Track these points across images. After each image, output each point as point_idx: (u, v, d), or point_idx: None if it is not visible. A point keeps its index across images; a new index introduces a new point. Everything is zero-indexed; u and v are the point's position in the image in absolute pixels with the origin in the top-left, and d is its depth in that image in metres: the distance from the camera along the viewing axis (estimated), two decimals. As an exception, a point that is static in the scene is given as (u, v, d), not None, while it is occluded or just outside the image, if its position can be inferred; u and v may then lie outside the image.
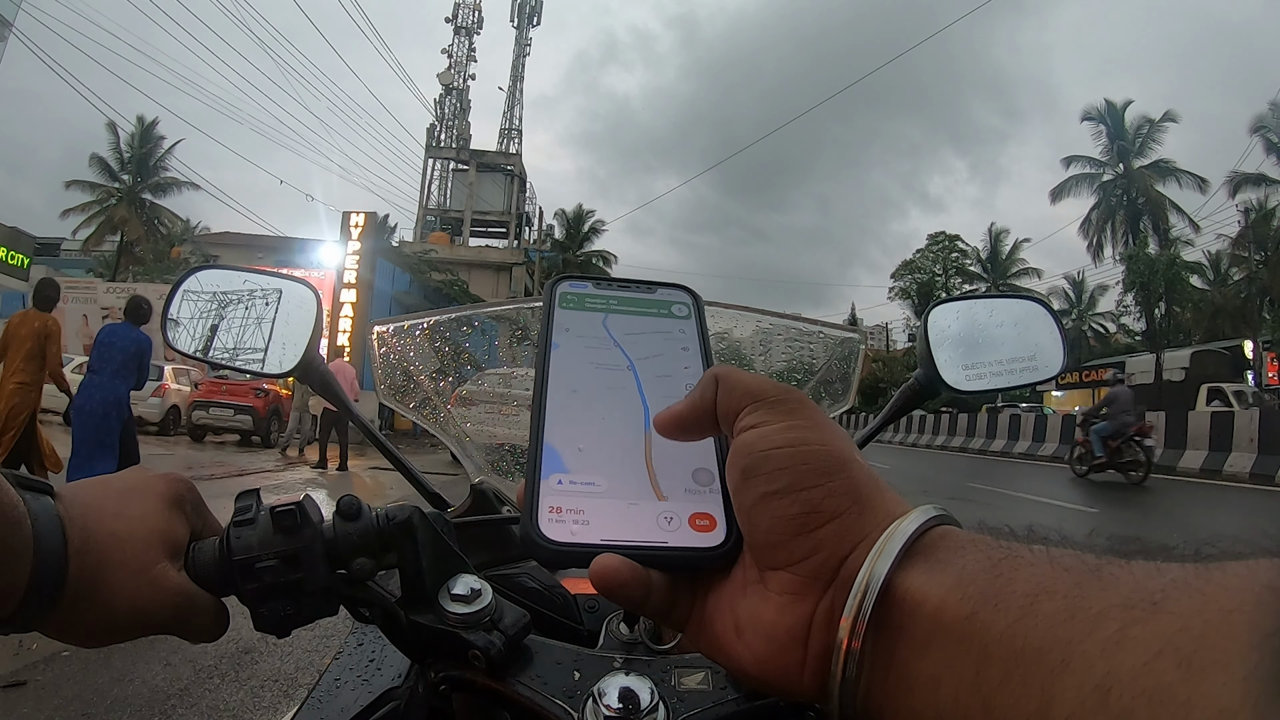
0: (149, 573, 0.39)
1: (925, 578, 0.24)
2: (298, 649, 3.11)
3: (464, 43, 38.13)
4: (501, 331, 0.93)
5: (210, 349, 0.66)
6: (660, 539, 0.28)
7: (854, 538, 0.26)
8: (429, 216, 33.68)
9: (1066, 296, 37.66)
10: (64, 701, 2.57)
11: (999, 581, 0.23)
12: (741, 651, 0.28)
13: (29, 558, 0.35)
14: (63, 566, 0.36)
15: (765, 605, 0.27)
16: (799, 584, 0.27)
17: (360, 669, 0.69)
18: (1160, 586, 0.20)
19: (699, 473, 0.30)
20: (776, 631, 0.27)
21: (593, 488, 0.29)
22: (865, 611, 0.24)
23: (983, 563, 0.24)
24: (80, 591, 0.37)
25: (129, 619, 0.39)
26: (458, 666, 0.44)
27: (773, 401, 0.30)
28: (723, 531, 0.29)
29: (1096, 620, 0.20)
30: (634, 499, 0.29)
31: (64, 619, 0.37)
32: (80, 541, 0.37)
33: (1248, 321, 26.01)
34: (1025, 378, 0.72)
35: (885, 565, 0.25)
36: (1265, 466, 10.97)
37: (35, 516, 0.36)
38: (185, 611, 0.41)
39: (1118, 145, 30.74)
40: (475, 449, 0.84)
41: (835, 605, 0.26)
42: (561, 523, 0.27)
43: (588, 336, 0.33)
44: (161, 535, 0.41)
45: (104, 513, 0.40)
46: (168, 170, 30.99)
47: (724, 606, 0.29)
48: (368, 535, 0.44)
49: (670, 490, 0.30)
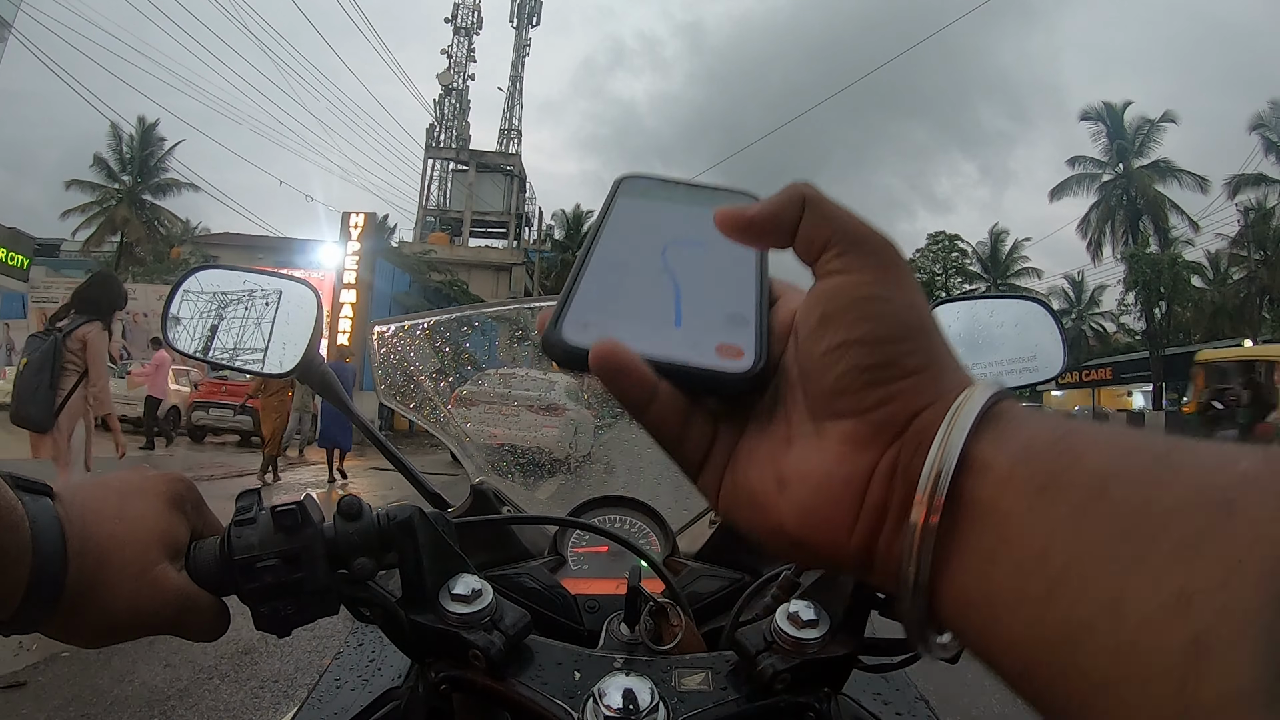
0: (149, 574, 0.39)
1: (993, 448, 0.23)
2: (297, 649, 3.11)
3: (463, 43, 38.14)
4: (501, 332, 0.93)
5: (210, 349, 0.66)
6: (681, 357, 0.26)
7: (929, 397, 0.25)
8: (428, 217, 33.67)
9: (1066, 296, 37.68)
10: (64, 702, 2.57)
11: (1065, 458, 0.22)
12: (783, 507, 0.26)
13: (28, 560, 0.35)
14: (62, 569, 0.36)
15: (820, 455, 0.25)
16: (865, 434, 0.25)
17: (360, 669, 0.69)
18: (1232, 482, 0.19)
19: (733, 316, 0.28)
20: (832, 483, 0.25)
21: (619, 310, 0.27)
22: (943, 485, 0.23)
23: (1048, 438, 0.23)
24: (80, 593, 0.37)
25: (129, 620, 0.39)
26: (458, 666, 0.44)
27: (868, 250, 0.27)
28: (751, 358, 0.27)
29: (1168, 518, 0.19)
30: (660, 325, 0.27)
31: (64, 620, 0.37)
32: (79, 543, 0.37)
33: (1247, 321, 26.03)
34: (1026, 378, 0.72)
35: (961, 436, 0.23)
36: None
37: (34, 519, 0.36)
38: (185, 612, 0.41)
39: (1117, 145, 30.74)
40: (475, 449, 0.84)
41: (900, 460, 0.24)
42: (584, 329, 0.26)
43: (643, 219, 0.33)
44: (161, 535, 0.41)
45: (103, 514, 0.39)
46: (168, 171, 31.03)
47: (763, 459, 0.27)
48: (368, 535, 0.44)
49: (698, 324, 0.28)
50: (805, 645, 0.43)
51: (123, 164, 30.54)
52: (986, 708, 2.65)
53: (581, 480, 0.96)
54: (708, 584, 0.67)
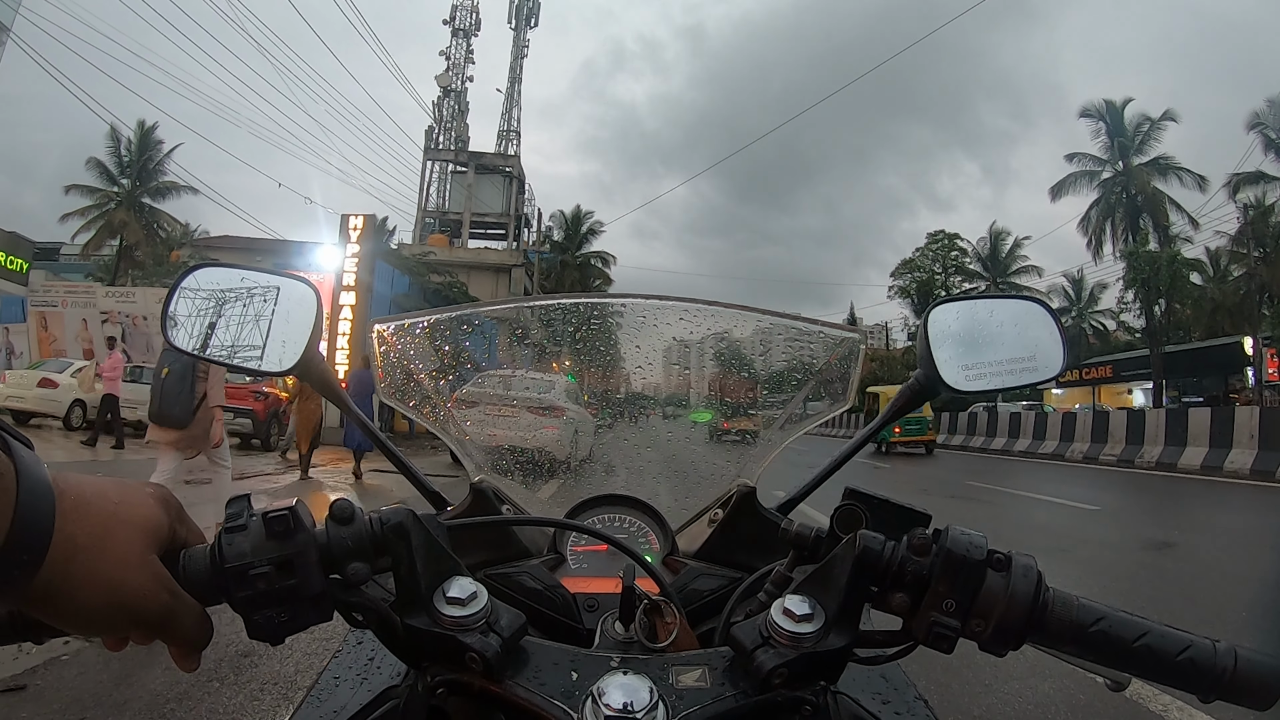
0: (143, 557, 0.39)
1: None
2: (297, 651, 3.11)
3: (462, 45, 38.12)
4: (501, 332, 0.93)
5: (208, 346, 0.66)
6: None
7: None
8: (428, 218, 33.65)
9: (1066, 294, 37.67)
10: (64, 705, 2.57)
11: None
12: None
13: (9, 507, 0.33)
14: (48, 527, 0.34)
15: None
16: None
17: (359, 668, 0.69)
18: None
19: None
20: None
21: None
22: None
23: None
24: (67, 558, 0.36)
25: (114, 602, 0.38)
26: (454, 669, 0.43)
27: None
28: None
29: None
30: None
31: (45, 585, 0.35)
32: (74, 507, 0.36)
33: (1247, 318, 26.02)
34: (1025, 378, 0.72)
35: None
36: (1265, 463, 10.98)
37: (21, 465, 0.34)
38: (171, 611, 0.40)
39: (1117, 142, 30.74)
40: (475, 448, 0.84)
41: None
42: None
43: None
44: (156, 530, 0.41)
45: (105, 495, 0.39)
46: (167, 174, 31.03)
47: None
48: (361, 539, 0.43)
49: None
50: (801, 639, 0.43)
51: (122, 167, 30.55)
52: (988, 707, 2.65)
53: (581, 480, 0.96)
54: (707, 582, 0.67)
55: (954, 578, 0.42)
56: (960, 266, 40.15)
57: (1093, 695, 2.67)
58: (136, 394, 13.56)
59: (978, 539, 0.43)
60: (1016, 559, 0.43)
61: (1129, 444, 14.31)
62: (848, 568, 0.44)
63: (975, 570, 0.42)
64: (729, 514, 0.75)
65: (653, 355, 0.89)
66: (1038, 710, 2.61)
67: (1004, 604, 0.42)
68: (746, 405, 0.92)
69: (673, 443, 0.95)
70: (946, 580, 0.43)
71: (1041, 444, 17.12)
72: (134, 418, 13.50)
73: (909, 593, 0.44)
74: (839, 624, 0.44)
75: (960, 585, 0.42)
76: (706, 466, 0.92)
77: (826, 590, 0.45)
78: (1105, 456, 14.65)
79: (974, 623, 0.43)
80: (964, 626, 0.43)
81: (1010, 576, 0.43)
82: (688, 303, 0.84)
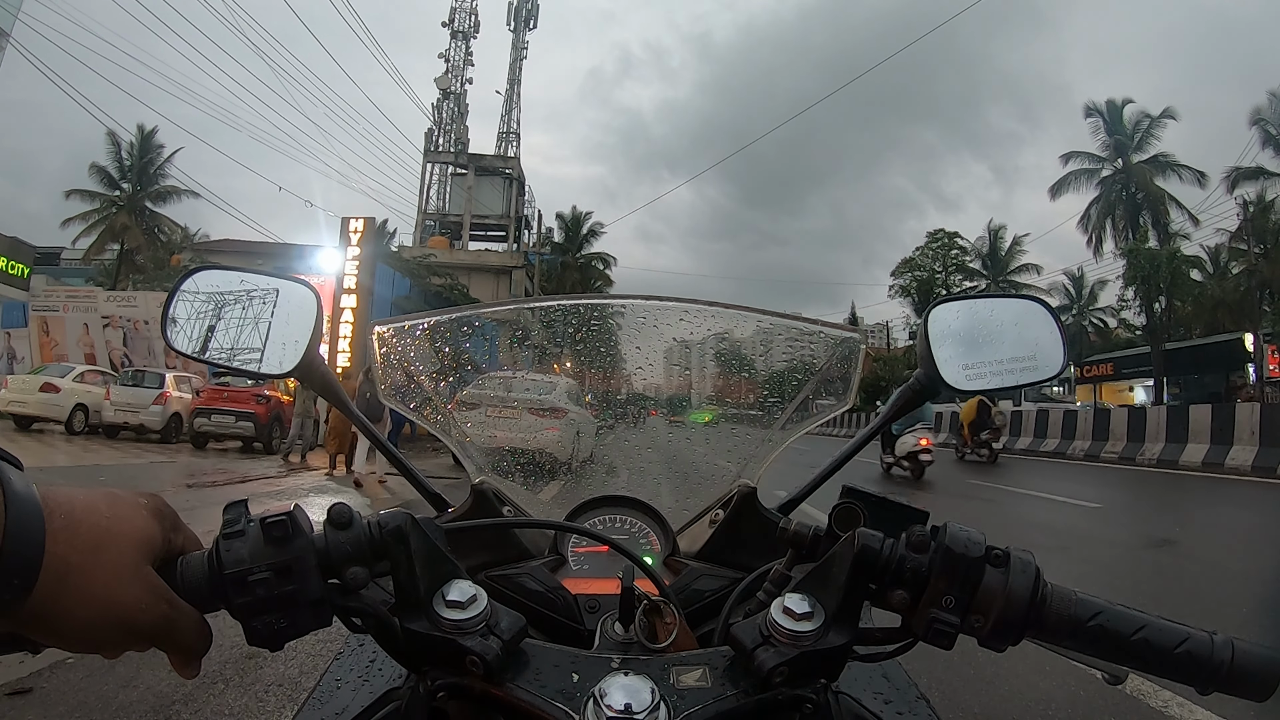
0: (138, 570, 0.39)
1: None
2: (301, 653, 3.11)
3: (461, 47, 38.12)
4: (502, 334, 0.93)
5: (208, 349, 0.66)
6: None
7: None
8: (428, 221, 33.67)
9: (1066, 292, 37.63)
10: (69, 709, 2.57)
11: None
12: None
13: None
14: (38, 547, 0.34)
15: None
16: None
17: (360, 670, 0.69)
18: None
19: None
20: None
21: None
22: None
23: None
24: (61, 577, 0.35)
25: (110, 618, 0.37)
26: (455, 673, 0.43)
27: None
28: None
29: None
30: None
31: (38, 606, 0.35)
32: (64, 526, 0.36)
33: (1248, 315, 25.97)
34: (1025, 377, 0.72)
35: None
36: (1267, 459, 10.96)
37: (9, 489, 0.33)
38: (169, 621, 0.40)
39: (1116, 140, 30.71)
40: (476, 450, 0.84)
41: None
42: None
43: None
44: (149, 541, 0.40)
45: (95, 509, 0.38)
46: (167, 178, 31.05)
47: None
48: (360, 544, 0.43)
49: None
50: (801, 637, 0.43)
51: (123, 172, 30.56)
52: (989, 706, 2.64)
53: (583, 481, 0.96)
54: (707, 583, 0.67)
55: (953, 574, 0.43)
56: (961, 265, 40.11)
57: (1093, 691, 2.66)
58: (138, 399, 13.63)
59: (976, 535, 0.44)
60: (1015, 555, 0.44)
61: (1130, 441, 14.29)
62: (846, 565, 0.44)
63: (974, 566, 0.43)
64: (730, 514, 0.75)
65: (653, 356, 0.89)
66: (1038, 706, 2.61)
67: (1003, 599, 0.42)
68: (747, 405, 0.92)
69: (674, 443, 0.95)
70: (945, 577, 0.43)
71: (1043, 442, 17.09)
72: (135, 422, 13.60)
73: (908, 590, 0.44)
74: (839, 622, 0.44)
75: (959, 582, 0.43)
76: (707, 467, 0.92)
77: (826, 588, 0.45)
78: (1107, 454, 14.63)
79: (973, 619, 0.43)
80: (963, 622, 0.43)
81: (1009, 572, 0.43)
82: (688, 303, 0.84)
